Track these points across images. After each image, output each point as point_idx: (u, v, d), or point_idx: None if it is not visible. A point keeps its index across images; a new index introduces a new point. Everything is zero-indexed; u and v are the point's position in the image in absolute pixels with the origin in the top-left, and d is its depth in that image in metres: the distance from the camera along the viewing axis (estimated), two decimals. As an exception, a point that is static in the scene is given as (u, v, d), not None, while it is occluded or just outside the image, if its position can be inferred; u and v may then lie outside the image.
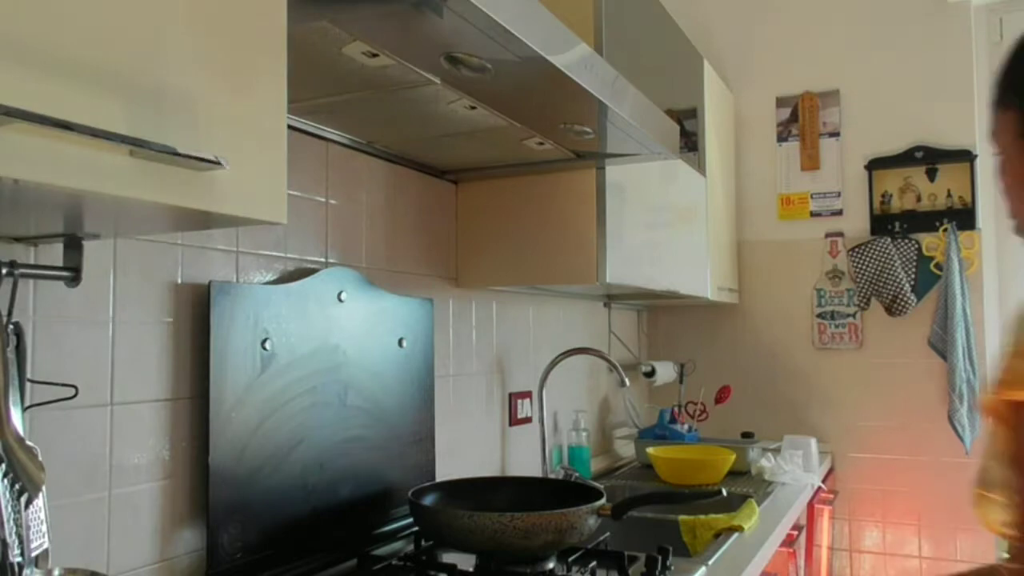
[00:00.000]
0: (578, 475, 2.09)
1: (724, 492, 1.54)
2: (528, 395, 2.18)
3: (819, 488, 2.44)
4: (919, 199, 2.82)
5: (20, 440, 0.82)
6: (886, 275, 2.82)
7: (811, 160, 2.97)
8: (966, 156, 2.76)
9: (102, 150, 0.65)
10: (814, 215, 2.97)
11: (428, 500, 1.51)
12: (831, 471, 2.82)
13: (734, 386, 2.90)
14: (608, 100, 1.30)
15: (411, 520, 1.51)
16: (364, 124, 1.45)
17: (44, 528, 0.83)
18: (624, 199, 1.85)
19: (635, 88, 1.42)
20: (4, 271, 0.89)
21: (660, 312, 3.19)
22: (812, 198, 2.97)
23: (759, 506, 1.92)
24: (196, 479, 1.20)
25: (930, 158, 2.80)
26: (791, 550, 2.04)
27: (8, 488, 0.78)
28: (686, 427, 2.70)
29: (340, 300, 1.45)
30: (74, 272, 0.97)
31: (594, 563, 1.43)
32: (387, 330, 1.57)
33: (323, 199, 1.49)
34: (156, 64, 0.70)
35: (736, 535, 1.70)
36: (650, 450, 2.46)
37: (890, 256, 2.82)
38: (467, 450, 1.91)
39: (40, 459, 0.83)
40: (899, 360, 2.81)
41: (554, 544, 1.34)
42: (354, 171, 1.57)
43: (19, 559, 0.78)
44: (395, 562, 1.43)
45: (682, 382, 2.96)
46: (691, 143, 2.59)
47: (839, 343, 2.91)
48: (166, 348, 1.17)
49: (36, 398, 0.96)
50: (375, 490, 1.51)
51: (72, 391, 0.98)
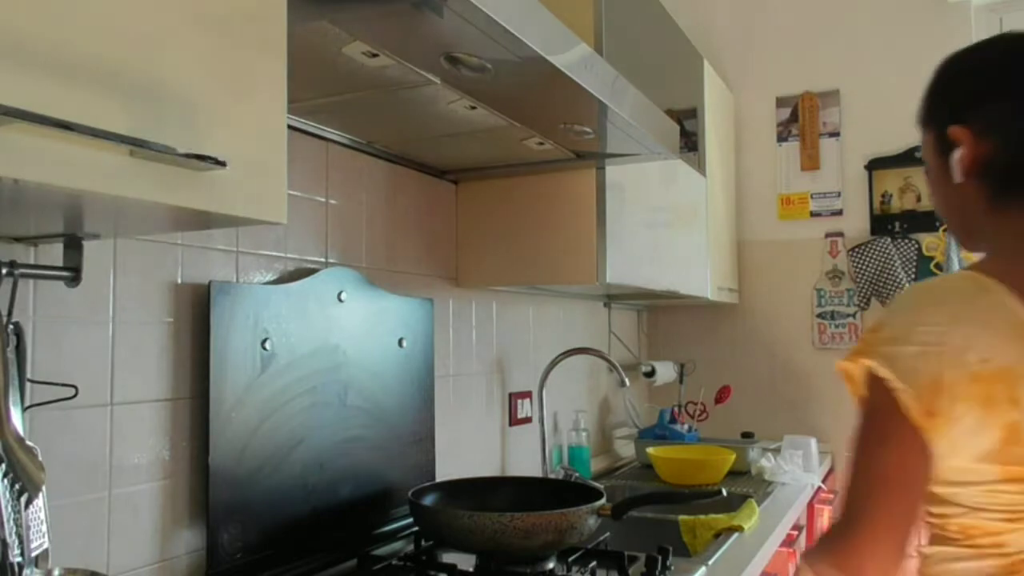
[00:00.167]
0: (578, 475, 2.09)
1: (724, 492, 1.54)
2: (528, 395, 2.18)
3: (819, 488, 2.44)
4: (919, 199, 2.82)
5: (20, 440, 0.82)
6: (886, 275, 2.82)
7: (811, 160, 2.97)
8: (966, 156, 2.75)
9: (102, 150, 0.65)
10: (814, 215, 2.97)
11: (428, 500, 1.51)
12: (831, 471, 2.82)
13: (734, 386, 2.90)
14: (608, 100, 1.30)
15: (411, 520, 1.51)
16: (364, 124, 1.45)
17: (44, 528, 0.83)
18: (624, 199, 1.85)
19: (635, 88, 1.42)
20: (4, 271, 0.89)
21: (660, 312, 3.19)
22: (812, 198, 2.97)
23: (759, 506, 1.92)
24: (196, 479, 1.20)
25: (930, 158, 2.80)
26: (791, 550, 2.04)
27: (8, 488, 0.78)
28: (686, 427, 2.70)
29: (340, 300, 1.45)
30: (74, 272, 0.97)
31: (594, 563, 1.43)
32: (387, 330, 1.57)
33: (323, 199, 1.49)
34: (156, 64, 0.70)
35: (736, 535, 1.70)
36: (650, 450, 2.46)
37: (890, 256, 2.82)
38: (467, 450, 1.91)
39: (40, 459, 0.83)
40: (899, 360, 2.80)
41: (554, 544, 1.34)
42: (354, 171, 1.57)
43: (19, 559, 0.78)
44: (395, 562, 1.43)
45: (682, 382, 2.96)
46: (691, 143, 2.59)
47: (839, 343, 2.91)
48: (166, 348, 1.17)
49: (36, 398, 0.96)
50: (375, 490, 1.51)
51: (72, 391, 0.98)
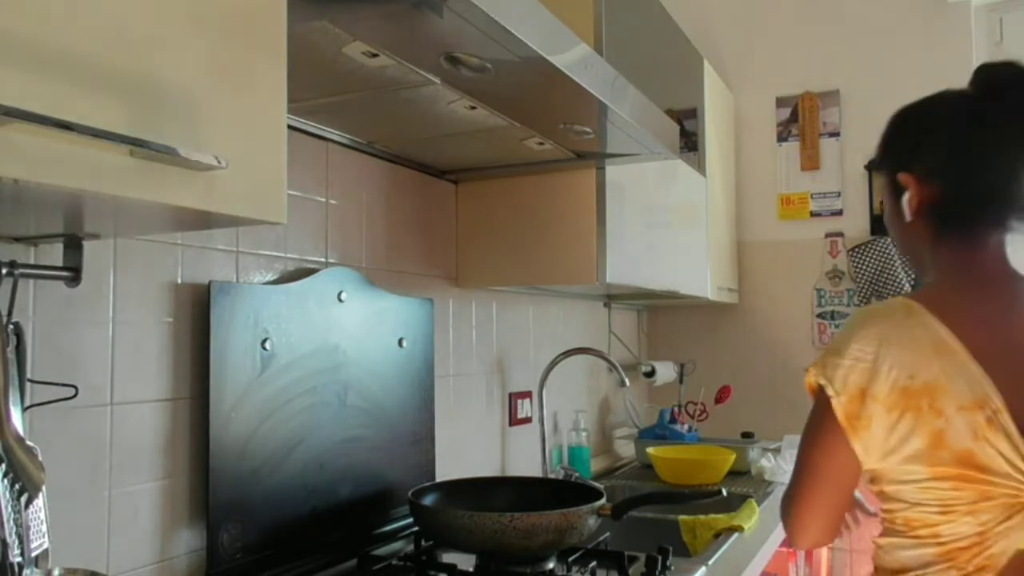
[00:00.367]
0: (578, 475, 2.09)
1: (724, 492, 1.54)
2: (528, 395, 2.18)
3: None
4: (919, 199, 2.81)
5: (20, 440, 0.82)
6: (886, 275, 2.82)
7: (811, 160, 2.97)
8: (966, 156, 2.75)
9: (102, 150, 0.65)
10: (814, 215, 2.97)
11: (428, 500, 1.51)
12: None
13: (734, 386, 2.90)
14: (608, 100, 1.30)
15: (411, 520, 1.51)
16: (364, 124, 1.45)
17: (44, 528, 0.83)
18: (624, 199, 1.85)
19: (635, 88, 1.42)
20: (4, 271, 0.89)
21: (660, 312, 3.19)
22: (812, 198, 2.97)
23: (759, 506, 1.92)
24: (196, 479, 1.20)
25: (930, 158, 2.80)
26: (791, 550, 2.04)
27: (8, 488, 0.78)
28: (686, 427, 2.70)
29: (340, 300, 1.45)
30: (74, 272, 0.97)
31: (594, 563, 1.43)
32: (387, 330, 1.57)
33: (323, 199, 1.49)
34: (156, 64, 0.70)
35: (736, 535, 1.70)
36: (650, 450, 2.46)
37: (890, 256, 2.82)
38: (467, 450, 1.91)
39: (40, 459, 0.83)
40: (899, 360, 2.81)
41: (554, 544, 1.34)
42: (354, 171, 1.57)
43: (19, 559, 0.78)
44: (395, 562, 1.43)
45: (682, 382, 2.96)
46: (691, 143, 2.59)
47: (839, 343, 2.90)
48: (166, 348, 1.17)
49: (36, 398, 0.96)
50: (375, 490, 1.51)
51: (72, 391, 0.98)
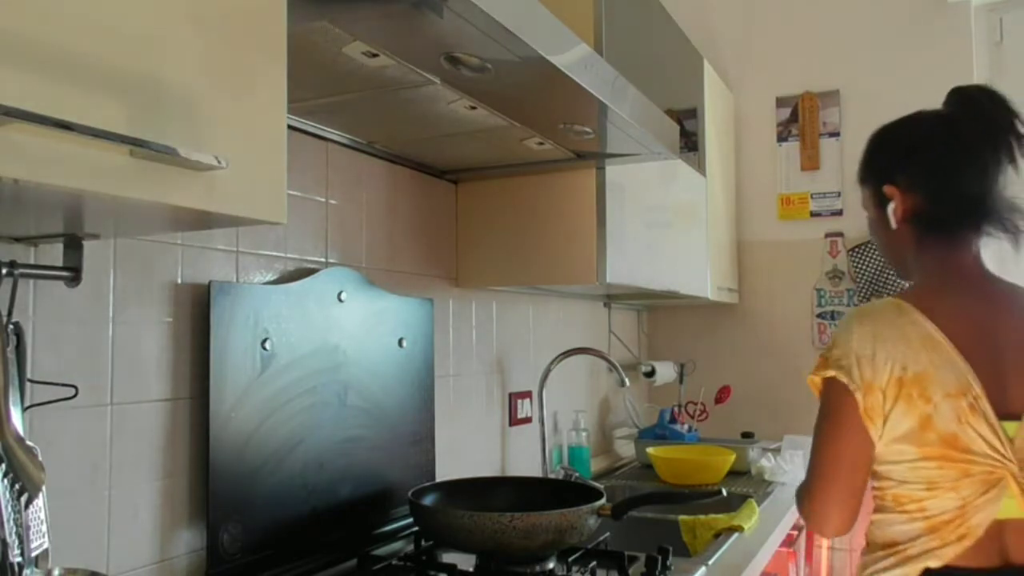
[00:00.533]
0: (578, 475, 2.09)
1: (724, 492, 1.54)
2: (528, 395, 2.18)
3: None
4: (919, 199, 2.81)
5: (20, 440, 0.82)
6: (886, 275, 2.82)
7: (811, 160, 2.97)
8: (966, 156, 2.75)
9: (102, 150, 0.65)
10: (814, 215, 2.97)
11: (428, 500, 1.51)
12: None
13: (734, 386, 2.90)
14: (608, 100, 1.30)
15: (411, 520, 1.51)
16: (364, 124, 1.45)
17: (44, 528, 0.83)
18: (624, 199, 1.85)
19: (635, 88, 1.42)
20: (4, 271, 0.89)
21: (660, 312, 3.19)
22: (812, 198, 2.97)
23: (759, 506, 1.92)
24: (196, 479, 1.20)
25: (930, 158, 2.80)
26: (791, 550, 2.04)
27: (8, 488, 0.78)
28: (686, 427, 2.70)
29: (340, 300, 1.45)
30: (74, 272, 0.97)
31: (594, 563, 1.43)
32: (387, 330, 1.57)
33: (323, 199, 1.49)
34: (156, 64, 0.70)
35: (736, 535, 1.70)
36: (650, 450, 2.46)
37: (890, 256, 2.81)
38: (467, 450, 1.91)
39: (40, 459, 0.83)
40: (899, 360, 2.81)
41: (554, 544, 1.34)
42: (354, 171, 1.57)
43: (19, 559, 0.78)
44: (395, 562, 1.43)
45: (682, 382, 2.96)
46: (691, 143, 2.59)
47: (839, 343, 2.90)
48: (166, 348, 1.17)
49: (36, 398, 0.96)
50: (375, 490, 1.51)
51: (72, 391, 0.98)
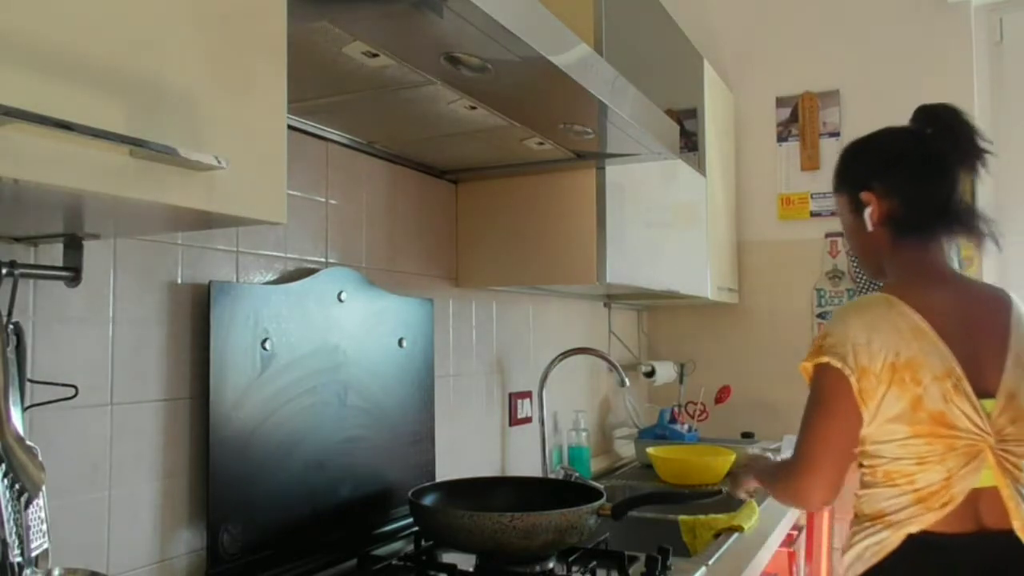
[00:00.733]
0: (578, 475, 2.09)
1: (724, 492, 1.54)
2: (528, 395, 2.18)
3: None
4: (919, 199, 2.81)
5: (20, 440, 0.82)
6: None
7: (811, 160, 2.97)
8: (966, 156, 2.75)
9: (102, 150, 0.65)
10: (814, 215, 2.96)
11: (428, 500, 1.51)
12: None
13: (734, 386, 2.90)
14: (608, 100, 1.30)
15: (411, 520, 1.51)
16: (364, 124, 1.45)
17: (44, 528, 0.83)
18: (624, 199, 1.85)
19: (635, 88, 1.42)
20: (4, 271, 0.89)
21: (660, 312, 3.19)
22: (812, 198, 2.97)
23: (759, 506, 1.92)
24: (196, 479, 1.20)
25: (930, 158, 2.79)
26: (791, 550, 2.04)
27: (8, 488, 0.78)
28: (686, 427, 2.70)
29: (340, 300, 1.45)
30: (74, 272, 0.97)
31: (594, 563, 1.43)
32: (387, 330, 1.57)
33: (323, 199, 1.49)
34: (156, 64, 0.70)
35: (736, 535, 1.70)
36: (650, 450, 2.46)
37: (890, 256, 2.81)
38: (467, 450, 1.91)
39: (40, 459, 0.83)
40: (899, 360, 2.80)
41: (554, 544, 1.34)
42: (354, 171, 1.57)
43: (19, 559, 0.78)
44: (395, 562, 1.43)
45: (682, 382, 2.96)
46: (691, 143, 2.59)
47: (839, 343, 2.90)
48: (166, 348, 1.17)
49: (36, 398, 0.96)
50: (375, 490, 1.51)
51: (72, 391, 0.98)
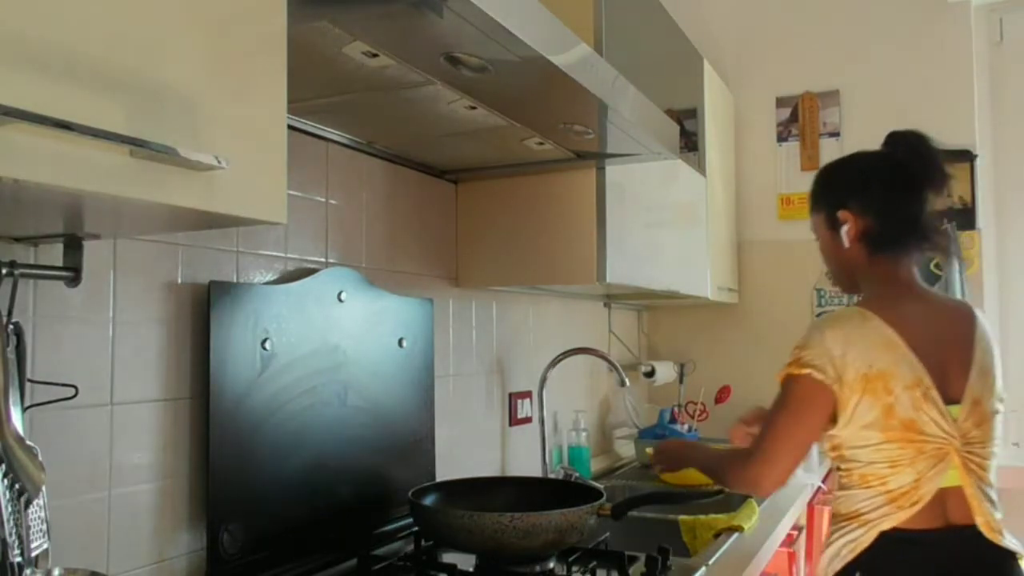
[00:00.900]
0: (578, 475, 2.09)
1: (724, 492, 1.54)
2: (528, 395, 2.18)
3: (819, 488, 2.44)
4: (919, 199, 2.81)
5: (20, 440, 0.82)
6: (886, 275, 2.81)
7: (811, 160, 2.97)
8: (966, 156, 2.75)
9: (102, 150, 0.65)
10: (814, 215, 2.96)
11: (428, 500, 1.51)
12: (831, 471, 2.81)
13: (734, 386, 2.90)
14: (608, 100, 1.30)
15: (411, 520, 1.51)
16: (364, 124, 1.45)
17: (44, 528, 0.83)
18: (624, 199, 1.85)
19: (635, 88, 1.42)
20: (4, 271, 0.89)
21: (660, 312, 3.19)
22: (812, 198, 2.97)
23: (759, 506, 1.92)
24: (196, 479, 1.20)
25: (930, 158, 2.79)
26: (791, 550, 2.03)
27: (8, 488, 0.78)
28: (686, 427, 2.70)
29: (340, 300, 1.45)
30: (74, 272, 0.97)
31: (594, 563, 1.43)
32: (387, 330, 1.57)
33: (323, 199, 1.49)
34: (156, 64, 0.70)
35: (736, 535, 1.70)
36: (650, 450, 2.45)
37: (890, 256, 2.81)
38: (467, 450, 1.91)
39: (40, 459, 0.83)
40: (899, 360, 2.80)
41: (554, 544, 1.34)
42: (354, 171, 1.57)
43: (19, 559, 0.78)
44: (395, 562, 1.43)
45: (682, 382, 2.96)
46: (691, 143, 2.59)
47: (839, 343, 2.90)
48: (166, 348, 1.17)
49: (36, 398, 0.96)
50: (375, 490, 1.51)
51: (72, 391, 0.98)
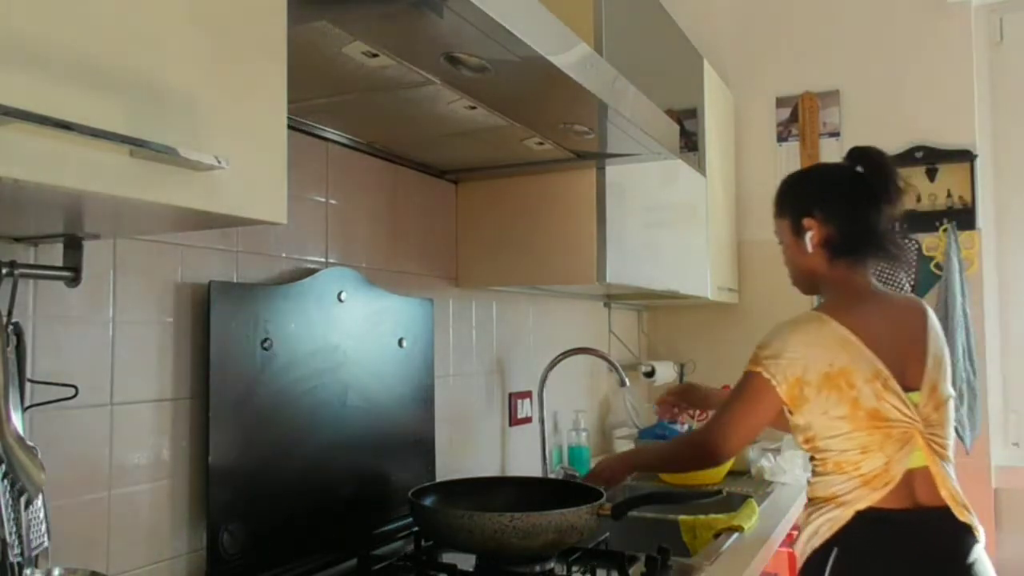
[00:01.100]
0: (578, 475, 2.09)
1: (724, 492, 1.54)
2: (528, 395, 2.18)
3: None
4: (919, 199, 2.81)
5: (20, 440, 0.82)
6: (886, 275, 2.81)
7: (811, 160, 2.96)
8: (966, 156, 2.75)
9: (102, 150, 0.65)
10: (814, 215, 2.96)
11: (428, 500, 1.51)
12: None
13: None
14: (608, 100, 1.30)
15: (411, 520, 1.51)
16: (364, 124, 1.45)
17: (44, 528, 0.83)
18: (624, 199, 1.85)
19: (635, 88, 1.42)
20: (4, 271, 0.89)
21: (660, 312, 3.19)
22: (812, 198, 2.96)
23: (759, 506, 1.92)
24: (196, 479, 1.20)
25: (930, 158, 2.80)
26: (791, 550, 2.03)
27: (8, 488, 0.78)
28: (686, 427, 2.69)
29: (340, 300, 1.45)
30: (74, 272, 0.97)
31: (594, 563, 1.43)
32: (387, 330, 1.57)
33: (323, 199, 1.49)
34: (156, 64, 0.70)
35: (736, 535, 1.70)
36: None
37: (890, 256, 2.81)
38: (467, 450, 1.91)
39: (40, 459, 0.83)
40: (899, 360, 2.80)
41: (554, 544, 1.34)
42: (354, 171, 1.57)
43: (19, 559, 0.78)
44: (395, 562, 1.43)
45: (682, 382, 2.95)
46: (691, 143, 2.59)
47: (839, 343, 2.90)
48: (166, 348, 1.17)
49: (36, 398, 0.96)
50: (375, 490, 1.51)
51: (72, 391, 0.98)
